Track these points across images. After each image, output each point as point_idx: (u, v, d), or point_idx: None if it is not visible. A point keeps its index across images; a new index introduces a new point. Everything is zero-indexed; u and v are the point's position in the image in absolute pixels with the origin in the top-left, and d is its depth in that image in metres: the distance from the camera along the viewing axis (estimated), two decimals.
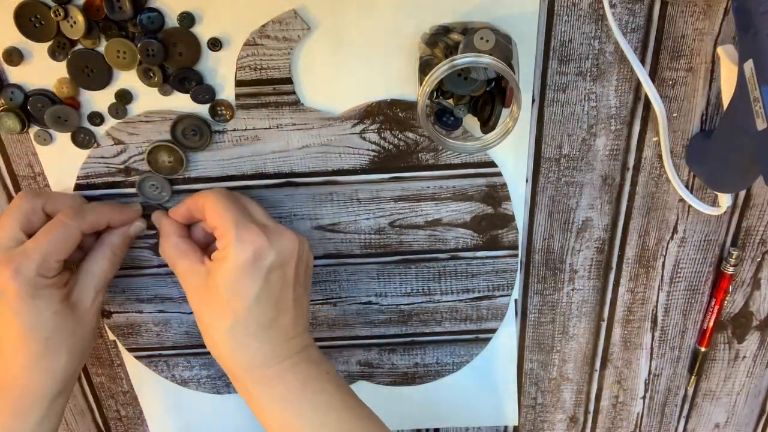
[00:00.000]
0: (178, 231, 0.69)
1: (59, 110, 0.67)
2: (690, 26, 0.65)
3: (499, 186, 0.72)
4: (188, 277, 0.66)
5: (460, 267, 0.78)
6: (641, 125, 0.70)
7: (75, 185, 0.72)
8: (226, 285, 0.62)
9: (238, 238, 0.62)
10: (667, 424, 0.94)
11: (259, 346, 0.64)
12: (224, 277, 0.62)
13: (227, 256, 0.62)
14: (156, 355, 0.84)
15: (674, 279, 0.81)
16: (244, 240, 0.62)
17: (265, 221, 0.66)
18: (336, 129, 0.69)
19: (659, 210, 0.76)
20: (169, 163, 0.70)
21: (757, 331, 0.85)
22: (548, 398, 0.91)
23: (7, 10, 0.62)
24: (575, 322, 0.84)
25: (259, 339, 0.64)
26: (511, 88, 0.58)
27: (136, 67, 0.65)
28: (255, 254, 0.62)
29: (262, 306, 0.63)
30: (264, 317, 0.64)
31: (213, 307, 0.64)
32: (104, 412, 0.90)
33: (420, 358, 0.85)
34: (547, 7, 0.64)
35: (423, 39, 0.64)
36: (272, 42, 0.65)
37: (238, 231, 0.62)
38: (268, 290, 0.63)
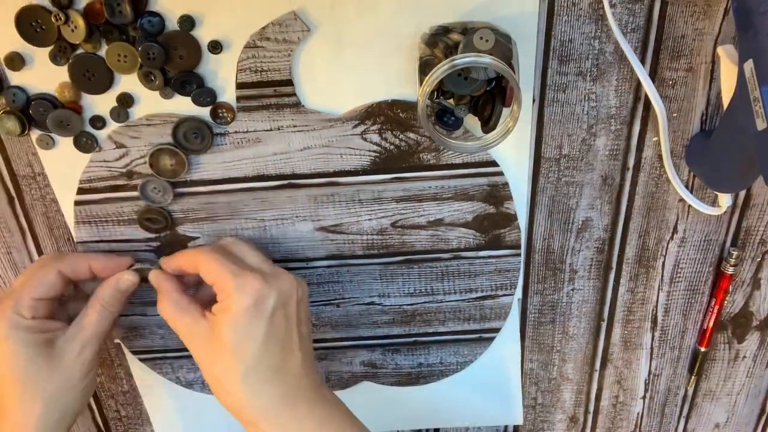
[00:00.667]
0: (177, 287, 0.68)
1: (61, 114, 0.67)
2: (690, 26, 0.65)
3: (500, 185, 0.73)
4: (192, 332, 0.66)
5: (463, 267, 0.78)
6: (641, 125, 0.70)
7: (78, 189, 0.72)
8: (231, 334, 0.63)
9: (237, 287, 0.63)
10: (667, 424, 0.94)
11: (272, 391, 0.64)
12: (229, 326, 0.63)
13: (229, 306, 0.63)
14: (160, 358, 0.84)
15: (674, 279, 0.81)
16: (243, 287, 0.63)
17: (260, 266, 0.67)
18: (337, 130, 0.69)
19: (659, 210, 0.76)
20: (171, 166, 0.70)
21: (757, 331, 0.85)
22: (548, 398, 0.91)
23: (8, 15, 0.62)
24: (575, 322, 0.84)
25: (272, 383, 0.65)
26: (512, 88, 0.58)
27: (137, 70, 0.65)
28: (256, 299, 0.63)
29: (270, 349, 0.64)
30: (273, 360, 0.64)
31: (222, 359, 0.64)
32: (104, 412, 0.90)
33: (424, 358, 0.85)
34: (547, 7, 0.64)
35: (423, 39, 0.64)
36: (272, 44, 0.65)
37: (236, 281, 0.63)
38: (273, 332, 0.64)
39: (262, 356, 0.64)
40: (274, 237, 0.76)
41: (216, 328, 0.64)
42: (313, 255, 0.77)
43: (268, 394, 0.64)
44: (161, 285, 0.69)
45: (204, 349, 0.66)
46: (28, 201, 0.73)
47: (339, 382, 0.87)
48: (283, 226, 0.75)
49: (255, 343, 0.63)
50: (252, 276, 0.64)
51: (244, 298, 0.63)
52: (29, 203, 0.73)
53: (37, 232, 0.75)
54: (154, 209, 0.73)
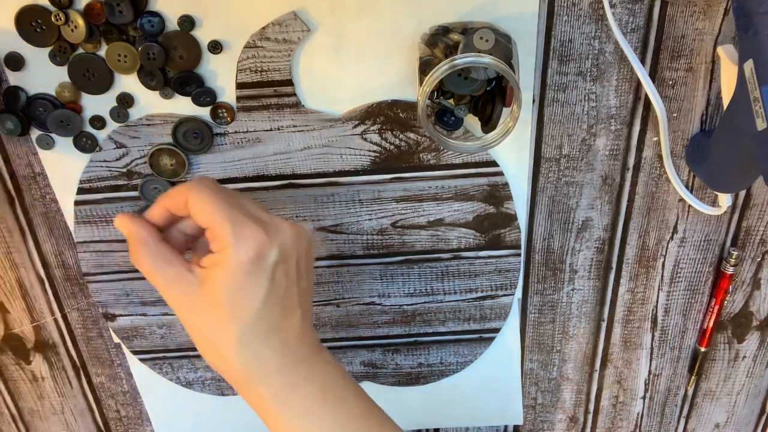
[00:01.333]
0: (156, 235, 0.59)
1: (61, 114, 0.67)
2: (690, 26, 0.65)
3: (500, 185, 0.73)
4: (176, 288, 0.58)
5: (463, 267, 0.78)
6: (641, 125, 0.70)
7: (78, 189, 0.72)
8: (228, 290, 0.56)
9: (236, 236, 0.55)
10: (667, 424, 0.95)
11: (271, 353, 0.58)
12: (226, 282, 0.56)
13: (226, 259, 0.56)
14: (160, 358, 0.84)
15: (674, 279, 0.81)
16: (243, 238, 0.56)
17: (260, 214, 0.59)
18: (337, 130, 0.69)
19: (659, 210, 0.76)
20: (171, 166, 0.70)
21: (757, 331, 0.85)
22: (548, 398, 0.91)
23: (8, 15, 0.62)
24: (575, 322, 0.84)
25: (271, 345, 0.58)
26: (512, 88, 0.58)
27: (137, 70, 0.65)
28: (258, 252, 0.56)
29: (270, 308, 0.57)
30: (272, 320, 0.58)
31: (214, 317, 0.57)
32: (104, 412, 0.90)
33: (424, 358, 0.85)
34: (547, 7, 0.64)
35: (423, 39, 0.64)
36: (272, 44, 0.65)
37: (235, 229, 0.56)
38: (274, 290, 0.57)
39: (260, 316, 0.57)
40: None
41: (208, 283, 0.57)
42: None
43: (266, 356, 0.58)
44: (134, 231, 0.59)
45: (192, 308, 0.58)
46: (28, 201, 0.73)
47: None
48: None
49: (254, 302, 0.57)
50: (253, 225, 0.56)
51: (243, 251, 0.56)
52: (29, 203, 0.73)
53: (37, 232, 0.75)
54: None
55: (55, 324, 0.82)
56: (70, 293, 0.80)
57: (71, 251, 0.77)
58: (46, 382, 0.87)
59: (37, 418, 0.91)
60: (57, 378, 0.87)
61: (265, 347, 0.58)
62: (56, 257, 0.77)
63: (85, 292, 0.80)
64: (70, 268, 0.78)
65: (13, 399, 0.89)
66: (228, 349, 0.58)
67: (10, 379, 0.87)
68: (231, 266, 0.56)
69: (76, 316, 0.82)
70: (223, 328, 0.57)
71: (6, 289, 0.79)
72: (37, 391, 0.88)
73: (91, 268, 0.77)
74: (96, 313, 0.81)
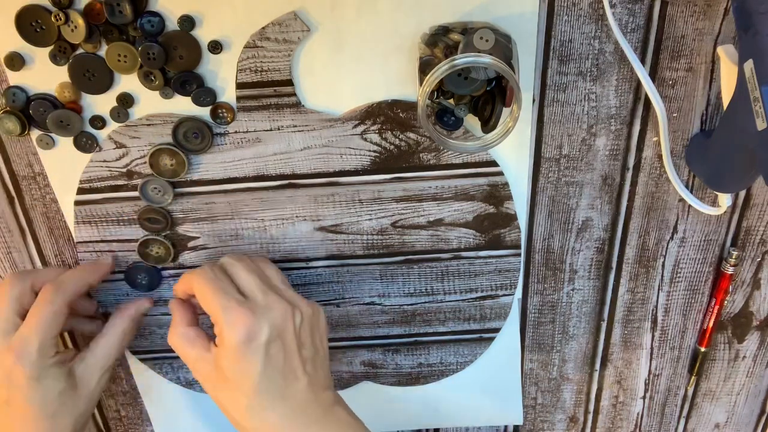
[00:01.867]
0: (186, 319, 0.69)
1: (61, 114, 0.67)
2: (690, 26, 0.65)
3: (500, 185, 0.73)
4: (198, 366, 0.67)
5: (463, 267, 0.78)
6: (641, 125, 0.70)
7: (78, 189, 0.72)
8: (229, 368, 0.64)
9: (227, 322, 0.63)
10: (667, 424, 0.95)
11: (279, 418, 0.65)
12: (227, 361, 0.64)
13: (223, 341, 0.64)
14: (160, 358, 0.84)
15: (674, 279, 0.81)
16: (233, 323, 0.63)
17: (253, 293, 0.66)
18: (337, 130, 0.69)
19: (659, 210, 0.76)
20: (171, 166, 0.70)
21: (757, 331, 0.85)
22: (548, 398, 0.91)
23: (7, 15, 0.62)
24: (575, 322, 0.84)
25: (278, 411, 0.65)
26: (512, 88, 0.58)
27: (137, 70, 0.65)
28: (247, 335, 0.63)
29: (269, 380, 0.64)
30: (275, 390, 0.64)
31: (227, 391, 0.65)
32: (104, 412, 0.90)
33: (424, 358, 0.85)
34: (547, 7, 0.64)
35: (423, 39, 0.64)
36: (272, 44, 0.65)
37: (225, 316, 0.63)
38: (271, 364, 0.64)
39: (262, 388, 0.64)
40: (274, 237, 0.76)
41: (218, 361, 0.65)
42: (313, 255, 0.77)
43: (274, 421, 0.65)
44: (173, 315, 0.70)
45: (211, 383, 0.66)
46: (28, 201, 0.73)
47: (339, 382, 0.87)
48: (283, 226, 0.75)
49: (253, 376, 0.63)
50: (240, 311, 0.63)
51: (234, 335, 0.63)
52: (29, 203, 0.73)
53: (37, 232, 0.75)
54: (154, 209, 0.73)
55: None
56: None
57: (71, 251, 0.77)
58: None
59: None
60: None
61: (272, 414, 0.65)
62: (56, 257, 0.77)
63: None
64: (70, 268, 0.78)
65: None
66: (241, 417, 0.65)
67: None
68: (228, 348, 0.63)
69: None
70: (234, 399, 0.65)
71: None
72: None
73: None
74: (96, 313, 0.81)
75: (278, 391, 0.65)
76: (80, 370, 0.71)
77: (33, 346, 0.66)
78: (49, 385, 0.68)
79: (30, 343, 0.67)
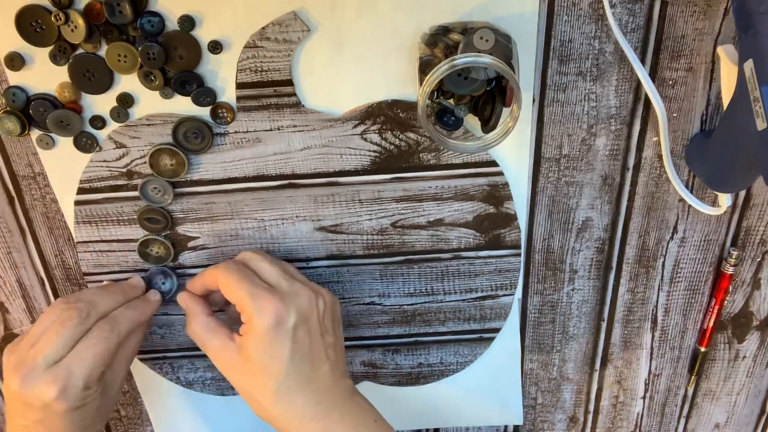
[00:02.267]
0: (205, 310, 0.70)
1: (61, 114, 0.67)
2: (690, 26, 0.65)
3: (500, 185, 0.73)
4: (222, 355, 0.68)
5: (463, 267, 0.78)
6: (641, 125, 0.70)
7: (78, 189, 0.72)
8: (258, 354, 0.65)
9: (257, 309, 0.65)
10: (667, 424, 0.95)
11: (305, 402, 0.67)
12: (256, 347, 0.65)
13: (253, 328, 0.65)
14: (161, 358, 0.84)
15: (674, 279, 0.81)
16: (263, 309, 0.64)
17: (279, 282, 0.68)
18: (337, 130, 0.69)
19: (659, 210, 0.76)
20: (171, 166, 0.70)
21: (757, 331, 0.85)
22: (548, 398, 0.91)
23: (8, 15, 0.62)
24: (575, 322, 0.84)
25: (304, 394, 0.67)
26: (512, 88, 0.58)
27: (137, 70, 0.65)
28: (277, 319, 0.65)
29: (297, 364, 0.66)
30: (302, 373, 0.66)
31: (253, 377, 0.66)
32: None
33: (424, 358, 0.85)
34: (547, 7, 0.64)
35: (423, 39, 0.64)
36: (272, 44, 0.65)
37: (255, 302, 0.65)
38: (298, 348, 0.66)
39: (290, 371, 0.66)
40: (274, 237, 0.76)
41: (244, 349, 0.66)
42: (313, 255, 0.77)
43: (300, 405, 0.67)
44: (190, 307, 0.71)
45: (236, 371, 0.68)
46: (28, 201, 0.73)
47: None
48: (283, 226, 0.75)
49: (282, 360, 0.65)
50: (269, 297, 0.65)
51: (264, 320, 0.64)
52: (29, 203, 0.73)
53: (37, 232, 0.75)
54: (154, 209, 0.73)
55: None
56: (70, 293, 0.80)
57: (71, 251, 0.77)
58: None
59: None
60: None
61: (299, 397, 0.67)
62: (56, 257, 0.77)
63: None
64: (70, 268, 0.78)
65: None
66: (268, 402, 0.67)
67: None
68: (257, 334, 0.65)
69: None
70: (261, 385, 0.66)
71: (6, 289, 0.79)
72: None
73: (91, 268, 0.77)
74: None
75: (305, 375, 0.67)
76: (108, 377, 0.71)
77: (79, 381, 0.66)
78: (88, 408, 0.69)
79: (76, 378, 0.66)
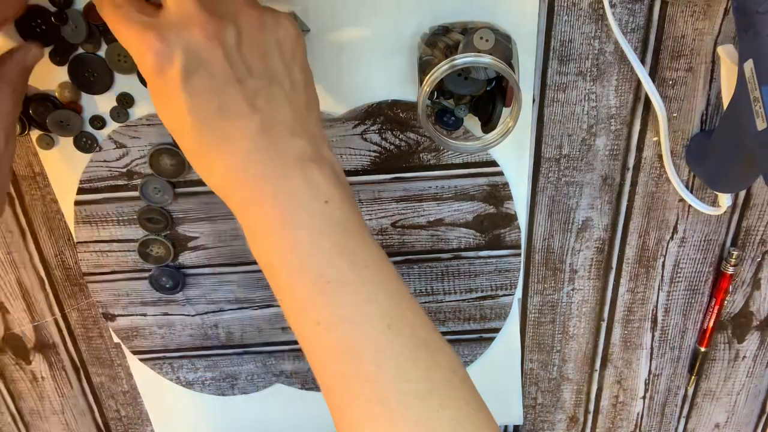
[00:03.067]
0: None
1: (61, 114, 0.67)
2: (690, 26, 0.65)
3: (500, 185, 0.73)
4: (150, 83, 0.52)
5: (463, 267, 0.78)
6: (641, 125, 0.70)
7: (78, 189, 0.72)
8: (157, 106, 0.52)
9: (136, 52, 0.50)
10: (667, 424, 0.94)
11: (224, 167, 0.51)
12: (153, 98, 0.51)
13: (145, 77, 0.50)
14: (160, 358, 0.84)
15: (674, 279, 0.81)
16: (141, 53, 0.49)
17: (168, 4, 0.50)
18: (337, 130, 0.69)
19: (659, 210, 0.76)
20: (171, 166, 0.70)
21: (757, 331, 0.85)
22: (548, 398, 0.91)
23: None
24: (575, 322, 0.84)
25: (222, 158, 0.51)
26: (512, 88, 0.58)
27: (137, 71, 0.65)
28: (157, 65, 0.49)
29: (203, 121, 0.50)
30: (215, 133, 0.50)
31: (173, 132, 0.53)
32: (104, 412, 0.90)
33: None
34: (547, 7, 0.64)
35: (423, 39, 0.64)
36: None
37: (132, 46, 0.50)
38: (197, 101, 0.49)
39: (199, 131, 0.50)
40: None
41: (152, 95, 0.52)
42: None
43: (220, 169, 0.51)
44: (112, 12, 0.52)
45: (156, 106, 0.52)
46: (28, 201, 0.73)
47: None
48: None
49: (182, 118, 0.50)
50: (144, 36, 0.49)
51: (144, 68, 0.49)
52: (29, 203, 0.73)
53: (37, 232, 0.75)
54: (154, 209, 0.73)
55: (55, 324, 0.82)
56: (70, 293, 0.80)
57: (71, 251, 0.77)
58: (46, 382, 0.87)
59: (38, 418, 0.91)
60: (57, 378, 0.87)
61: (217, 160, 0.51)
62: (56, 257, 0.77)
63: (85, 292, 0.80)
64: (70, 268, 0.78)
65: (13, 399, 0.89)
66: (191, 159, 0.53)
67: (10, 379, 0.87)
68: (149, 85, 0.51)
69: (76, 316, 0.82)
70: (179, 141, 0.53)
71: (6, 289, 0.79)
72: (37, 391, 0.88)
73: (91, 268, 0.77)
74: (96, 313, 0.81)
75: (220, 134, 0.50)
76: None
77: None
78: None
79: None
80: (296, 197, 0.50)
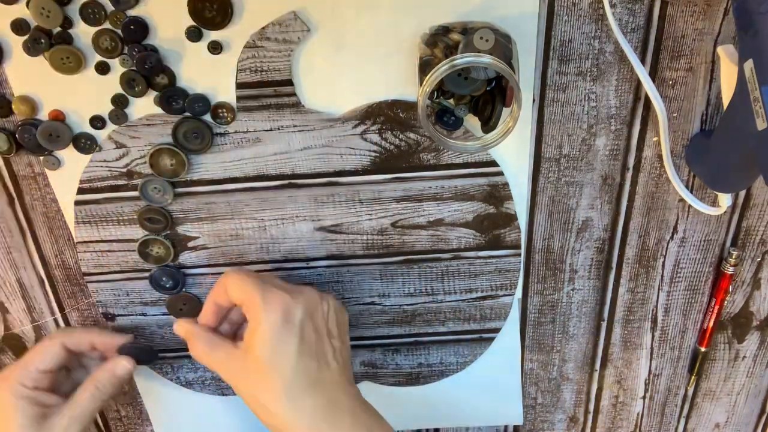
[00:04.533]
0: (206, 328, 0.70)
1: (48, 128, 0.67)
2: (690, 26, 0.65)
3: (500, 185, 0.73)
4: (228, 365, 0.67)
5: (463, 267, 0.78)
6: (641, 125, 0.70)
7: (78, 189, 0.72)
8: (265, 351, 0.64)
9: (264, 302, 0.64)
10: (667, 424, 0.95)
11: (314, 404, 0.65)
12: (262, 344, 0.64)
13: (259, 324, 0.64)
14: (161, 358, 0.84)
15: (674, 279, 0.81)
16: (271, 302, 0.64)
17: (285, 285, 0.68)
18: (337, 130, 0.69)
19: (659, 210, 0.76)
20: (171, 166, 0.70)
21: (757, 331, 0.85)
22: (548, 398, 0.91)
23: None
24: (575, 322, 0.84)
25: (313, 396, 0.65)
26: (512, 88, 0.58)
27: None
28: (284, 313, 0.64)
29: (305, 361, 0.65)
30: (311, 373, 0.65)
31: (260, 380, 0.65)
32: (104, 412, 0.90)
33: (424, 359, 0.85)
34: (547, 7, 0.64)
35: (423, 39, 0.64)
36: (272, 44, 0.65)
37: (263, 296, 0.64)
38: (306, 344, 0.65)
39: (298, 369, 0.64)
40: (273, 237, 0.76)
41: (249, 350, 0.65)
42: (313, 255, 0.77)
43: (310, 407, 0.65)
44: (188, 329, 0.70)
45: (243, 378, 0.66)
46: (28, 201, 0.73)
47: None
48: (283, 226, 0.75)
49: (290, 356, 0.64)
50: (277, 291, 0.65)
51: (272, 314, 0.64)
52: (29, 203, 0.73)
53: (37, 232, 0.75)
54: (154, 209, 0.73)
55: (55, 324, 0.82)
56: (70, 293, 0.80)
57: (71, 251, 0.77)
58: None
59: None
60: None
61: (308, 398, 0.65)
62: (56, 257, 0.77)
63: (85, 292, 0.80)
64: (70, 268, 0.78)
65: None
66: (275, 405, 0.64)
67: None
68: (264, 328, 0.64)
69: (76, 316, 0.82)
70: (269, 388, 0.64)
71: (6, 289, 0.79)
72: None
73: (91, 268, 0.77)
74: (96, 313, 0.81)
75: (313, 375, 0.65)
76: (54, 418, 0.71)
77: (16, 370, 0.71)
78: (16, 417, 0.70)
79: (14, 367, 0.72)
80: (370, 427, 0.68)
